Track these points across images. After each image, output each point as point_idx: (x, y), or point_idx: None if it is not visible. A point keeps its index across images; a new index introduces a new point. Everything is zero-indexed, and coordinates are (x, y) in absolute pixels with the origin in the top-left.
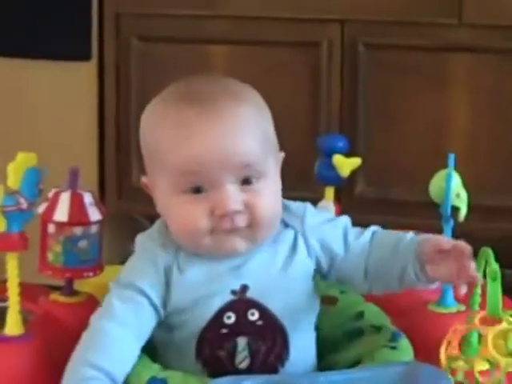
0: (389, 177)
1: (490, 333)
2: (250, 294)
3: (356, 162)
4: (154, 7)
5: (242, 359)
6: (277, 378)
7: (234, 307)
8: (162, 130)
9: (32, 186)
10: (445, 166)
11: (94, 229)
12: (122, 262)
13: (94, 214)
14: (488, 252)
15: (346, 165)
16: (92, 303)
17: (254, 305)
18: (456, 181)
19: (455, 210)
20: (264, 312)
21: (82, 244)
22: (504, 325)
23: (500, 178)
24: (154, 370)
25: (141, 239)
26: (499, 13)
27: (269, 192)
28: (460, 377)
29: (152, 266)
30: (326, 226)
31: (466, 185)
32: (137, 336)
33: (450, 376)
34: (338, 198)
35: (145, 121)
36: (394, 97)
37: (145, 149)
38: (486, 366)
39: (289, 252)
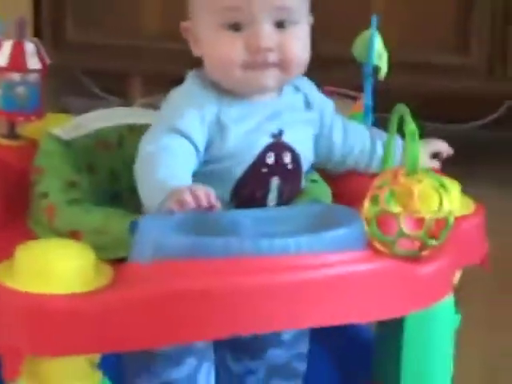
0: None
1: (416, 189)
2: (284, 138)
3: None
4: None
5: (272, 199)
6: (205, 214)
7: (274, 148)
8: None
9: None
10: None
11: (32, 77)
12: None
13: (34, 63)
14: (403, 109)
15: None
16: (33, 146)
17: (288, 148)
18: (378, 42)
19: (377, 68)
20: (294, 156)
21: (20, 90)
22: (428, 182)
23: (422, 34)
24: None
25: (177, 91)
26: None
27: (300, 38)
28: (373, 227)
29: (198, 113)
30: (322, 97)
31: (390, 41)
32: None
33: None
34: None
35: None
36: None
37: None
38: None
39: (305, 108)
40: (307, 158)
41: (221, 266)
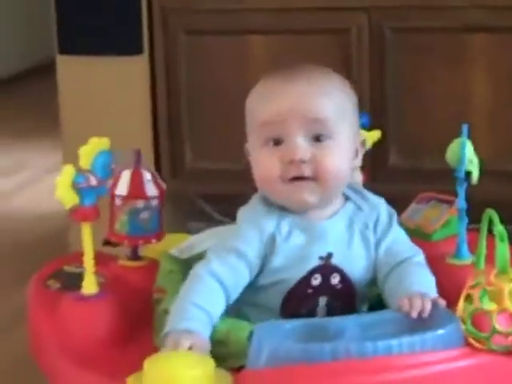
0: (418, 148)
1: (507, 288)
2: (333, 261)
3: (376, 134)
4: (199, 2)
5: (320, 316)
6: (314, 320)
7: (321, 271)
8: (255, 95)
9: (104, 167)
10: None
11: (153, 202)
12: None
13: (151, 190)
14: (492, 213)
15: (367, 138)
16: (154, 266)
17: (337, 270)
18: (469, 148)
19: (468, 173)
20: (344, 277)
21: (144, 215)
22: None
23: None
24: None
25: (244, 211)
26: None
27: (336, 153)
28: (469, 325)
29: (257, 233)
30: (386, 223)
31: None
32: (227, 294)
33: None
34: (371, 169)
35: (248, 98)
36: (419, 74)
37: (247, 117)
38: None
39: (362, 230)
40: (361, 276)
41: (330, 370)
